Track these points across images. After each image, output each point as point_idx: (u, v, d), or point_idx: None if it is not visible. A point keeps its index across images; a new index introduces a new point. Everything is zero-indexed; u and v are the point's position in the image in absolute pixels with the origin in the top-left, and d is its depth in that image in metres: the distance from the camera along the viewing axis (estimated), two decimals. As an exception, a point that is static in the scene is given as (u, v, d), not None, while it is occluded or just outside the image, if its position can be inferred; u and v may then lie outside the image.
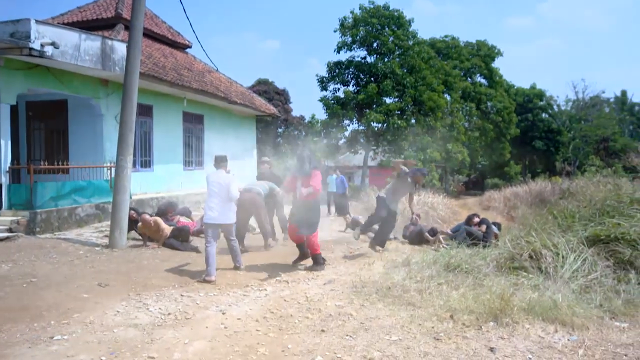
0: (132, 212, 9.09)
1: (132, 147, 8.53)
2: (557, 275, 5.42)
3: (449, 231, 11.23)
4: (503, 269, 6.02)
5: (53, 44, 9.21)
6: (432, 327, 4.23)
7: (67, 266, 6.72)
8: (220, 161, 6.84)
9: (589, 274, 5.43)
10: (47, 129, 12.70)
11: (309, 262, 7.07)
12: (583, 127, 46.29)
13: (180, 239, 8.67)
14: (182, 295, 5.39)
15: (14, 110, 12.54)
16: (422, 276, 5.78)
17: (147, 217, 8.47)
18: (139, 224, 8.55)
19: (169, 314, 4.74)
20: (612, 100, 51.60)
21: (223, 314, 4.75)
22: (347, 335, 4.10)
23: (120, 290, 5.58)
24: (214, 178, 6.57)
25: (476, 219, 10.75)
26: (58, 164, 10.47)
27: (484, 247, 7.30)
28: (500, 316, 4.27)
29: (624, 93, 51.95)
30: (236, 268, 6.82)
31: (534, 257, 5.97)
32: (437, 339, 3.99)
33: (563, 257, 5.76)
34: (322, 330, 4.23)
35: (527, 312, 4.41)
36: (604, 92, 52.26)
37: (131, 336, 4.14)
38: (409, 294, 5.17)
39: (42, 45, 9.12)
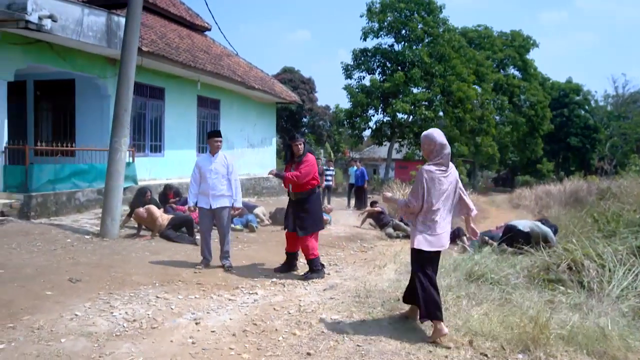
0: (148, 192, 8.70)
1: (128, 129, 7.91)
2: (603, 293, 4.50)
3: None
4: (536, 281, 5.11)
5: (51, 17, 8.60)
6: (446, 357, 3.39)
7: (46, 256, 6.11)
8: None
9: (642, 293, 4.48)
10: (54, 109, 12.25)
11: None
12: (622, 124, 43.95)
13: (181, 229, 8.05)
14: (157, 297, 4.68)
15: (22, 89, 12.18)
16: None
17: (141, 210, 7.83)
18: (133, 215, 7.98)
19: (134, 320, 4.03)
20: (654, 97, 48.86)
21: (196, 323, 4.01)
22: (337, 362, 3.31)
23: (91, 287, 4.92)
24: None
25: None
26: (64, 145, 9.94)
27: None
28: (532, 346, 3.40)
29: (667, 89, 49.14)
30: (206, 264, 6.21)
31: (574, 268, 5.04)
32: (451, 374, 3.16)
33: (610, 270, 4.82)
34: (308, 354, 3.44)
35: (566, 342, 3.52)
36: (646, 88, 49.51)
37: (78, 349, 3.44)
38: (420, 308, 4.32)
39: (40, 19, 8.54)
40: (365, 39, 24.99)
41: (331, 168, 16.75)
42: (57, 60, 9.89)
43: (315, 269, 5.77)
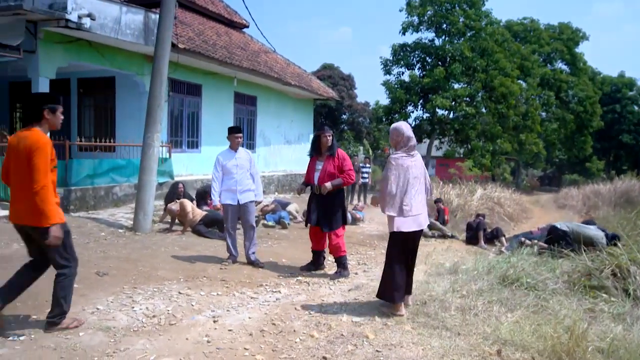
0: (180, 185, 8.83)
1: (160, 124, 8.00)
2: (651, 303, 4.13)
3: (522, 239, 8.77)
4: (576, 287, 4.77)
5: (90, 15, 8.81)
6: (470, 367, 3.18)
7: (78, 249, 6.11)
8: None
9: (695, 304, 4.09)
10: (96, 106, 12.62)
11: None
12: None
13: (213, 226, 8.08)
14: (180, 293, 4.67)
15: (66, 86, 12.60)
16: (469, 290, 4.68)
17: (173, 204, 7.91)
18: (165, 210, 8.08)
19: (154, 316, 4.02)
20: None
21: (214, 321, 3.95)
22: (353, 368, 3.16)
23: (117, 281, 4.97)
24: None
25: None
26: (105, 141, 10.18)
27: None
28: (566, 359, 3.14)
29: None
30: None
31: (619, 275, 4.68)
32: (475, 386, 2.95)
33: (659, 278, 4.43)
34: (324, 358, 3.30)
35: (606, 356, 3.23)
36: None
37: (95, 343, 3.45)
38: (448, 313, 4.11)
39: (79, 17, 8.76)
40: (404, 34, 24.49)
41: (367, 165, 16.52)
42: (97, 58, 10.14)
43: (345, 265, 5.73)
